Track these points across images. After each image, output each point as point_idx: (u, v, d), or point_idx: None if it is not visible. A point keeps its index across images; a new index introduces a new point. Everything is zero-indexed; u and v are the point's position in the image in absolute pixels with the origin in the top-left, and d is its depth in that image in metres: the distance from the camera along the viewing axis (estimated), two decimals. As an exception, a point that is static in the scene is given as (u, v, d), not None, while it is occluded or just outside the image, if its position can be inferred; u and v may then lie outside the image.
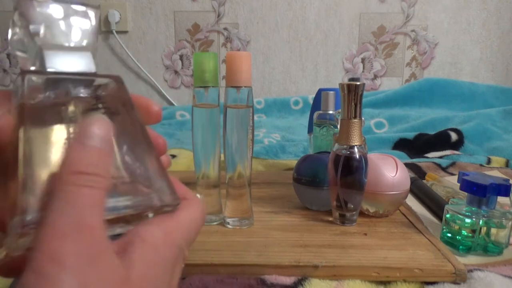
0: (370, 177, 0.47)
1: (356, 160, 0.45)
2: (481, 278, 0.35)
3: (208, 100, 0.45)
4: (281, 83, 1.49)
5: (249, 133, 0.45)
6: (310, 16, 1.44)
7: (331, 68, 1.47)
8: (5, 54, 1.51)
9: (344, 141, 0.45)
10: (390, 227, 0.46)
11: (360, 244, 0.41)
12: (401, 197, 0.49)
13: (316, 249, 0.40)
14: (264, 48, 1.47)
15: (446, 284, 0.35)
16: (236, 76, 0.43)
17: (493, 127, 1.01)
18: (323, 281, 0.36)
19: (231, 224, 0.46)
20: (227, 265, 0.37)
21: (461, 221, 0.41)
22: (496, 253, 0.41)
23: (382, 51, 1.45)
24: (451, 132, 0.97)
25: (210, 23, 1.45)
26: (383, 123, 1.20)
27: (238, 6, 1.44)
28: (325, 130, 0.63)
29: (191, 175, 0.50)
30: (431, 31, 1.43)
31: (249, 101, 0.44)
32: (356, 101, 0.44)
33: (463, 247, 0.41)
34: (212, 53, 0.44)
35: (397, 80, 1.48)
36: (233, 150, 0.45)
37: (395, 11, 1.42)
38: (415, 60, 1.46)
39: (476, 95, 1.32)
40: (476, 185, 0.40)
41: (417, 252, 0.39)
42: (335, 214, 0.47)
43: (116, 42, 1.47)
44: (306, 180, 0.50)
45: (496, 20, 1.41)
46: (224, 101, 0.45)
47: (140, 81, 1.51)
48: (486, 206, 0.41)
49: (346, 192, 0.45)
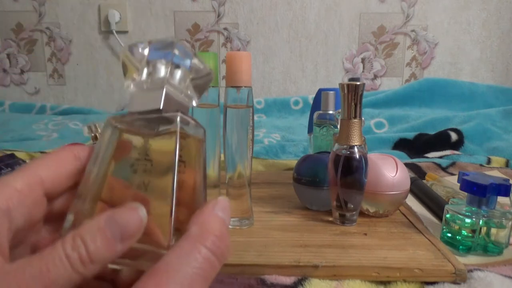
0: (370, 177, 0.47)
1: (356, 160, 0.45)
2: (481, 278, 0.35)
3: (208, 100, 0.45)
4: (281, 83, 1.49)
5: (249, 133, 0.45)
6: (310, 16, 1.44)
7: (331, 68, 1.47)
8: (5, 54, 1.51)
9: (344, 141, 0.45)
10: (390, 227, 0.46)
11: (360, 244, 0.41)
12: (401, 197, 0.49)
13: (316, 249, 0.40)
14: (264, 48, 1.47)
15: (446, 284, 0.35)
16: (236, 76, 0.43)
17: (493, 127, 1.01)
18: (323, 281, 0.36)
19: (231, 224, 0.46)
20: (227, 265, 0.37)
21: (461, 221, 0.41)
22: (496, 253, 0.41)
23: (382, 51, 1.45)
24: (451, 132, 0.97)
25: (210, 23, 1.45)
26: (383, 123, 1.20)
27: (238, 6, 1.44)
28: (325, 130, 0.63)
29: (191, 175, 0.49)
30: (431, 31, 1.43)
31: (249, 101, 0.44)
32: (356, 101, 0.44)
33: (463, 247, 0.41)
34: (212, 53, 0.44)
35: (397, 80, 1.48)
36: (233, 150, 0.45)
37: (395, 11, 1.42)
38: (415, 60, 1.46)
39: (476, 95, 1.32)
40: (476, 185, 0.40)
41: (417, 252, 0.39)
42: (335, 214, 0.47)
43: (116, 42, 1.47)
44: (306, 180, 0.50)
45: (496, 20, 1.41)
46: (224, 101, 0.45)
47: (140, 81, 1.50)
48: (486, 206, 0.41)
49: (346, 192, 0.45)
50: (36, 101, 1.53)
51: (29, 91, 1.54)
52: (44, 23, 1.48)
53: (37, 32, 1.49)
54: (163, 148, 0.22)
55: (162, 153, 0.22)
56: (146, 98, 0.23)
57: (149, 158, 0.22)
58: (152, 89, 0.23)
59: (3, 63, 1.52)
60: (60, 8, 1.46)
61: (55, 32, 1.48)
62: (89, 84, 1.52)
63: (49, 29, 1.48)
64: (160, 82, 0.23)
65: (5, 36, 1.50)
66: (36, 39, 1.49)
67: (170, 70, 0.23)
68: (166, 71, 0.23)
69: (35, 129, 1.21)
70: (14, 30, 1.49)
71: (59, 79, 1.52)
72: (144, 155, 0.22)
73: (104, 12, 1.44)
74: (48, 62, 1.51)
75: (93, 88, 1.52)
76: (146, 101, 0.23)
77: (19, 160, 0.53)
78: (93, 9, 1.46)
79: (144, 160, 0.22)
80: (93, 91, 1.52)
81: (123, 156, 0.23)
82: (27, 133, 1.15)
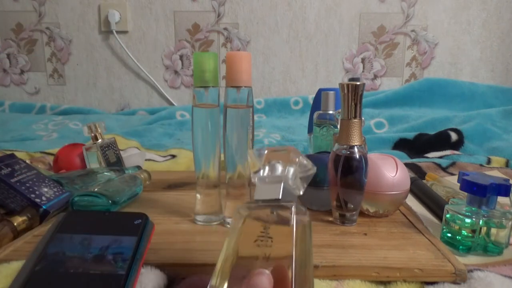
0: (370, 177, 0.47)
1: (356, 160, 0.45)
2: (481, 278, 0.35)
3: (208, 100, 0.45)
4: (281, 83, 1.49)
5: (249, 133, 0.45)
6: (310, 16, 1.44)
7: (331, 68, 1.47)
8: (5, 54, 1.51)
9: (344, 141, 0.45)
10: (390, 227, 0.46)
11: (360, 244, 0.41)
12: (401, 197, 0.49)
13: (316, 249, 0.40)
14: (264, 48, 1.47)
15: (446, 284, 0.35)
16: (236, 76, 0.43)
17: (493, 127, 1.01)
18: (323, 281, 0.36)
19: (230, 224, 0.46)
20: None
21: (461, 221, 0.41)
22: (496, 253, 0.41)
23: (382, 51, 1.45)
24: (451, 132, 0.97)
25: (210, 23, 1.45)
26: (383, 123, 1.20)
27: (238, 6, 1.44)
28: (325, 130, 0.63)
29: (191, 175, 0.50)
30: (431, 31, 1.43)
31: (249, 101, 0.44)
32: (356, 101, 0.44)
33: (463, 247, 0.41)
34: (212, 53, 0.44)
35: (397, 80, 1.48)
36: (233, 150, 0.45)
37: (395, 11, 1.42)
38: (415, 60, 1.46)
39: (476, 95, 1.32)
40: (476, 185, 0.40)
41: (417, 252, 0.39)
42: (335, 214, 0.47)
43: (116, 42, 1.47)
44: (306, 180, 0.50)
45: (496, 20, 1.41)
46: (224, 101, 0.45)
47: (140, 81, 1.51)
48: (486, 206, 0.41)
49: (346, 192, 0.45)
50: (36, 101, 1.53)
51: (29, 91, 1.54)
52: (44, 23, 1.48)
53: (37, 32, 1.49)
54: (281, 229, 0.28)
55: (280, 233, 0.27)
56: (267, 190, 0.30)
57: (270, 236, 0.27)
58: (272, 183, 0.30)
59: (3, 63, 1.52)
60: (60, 8, 1.47)
61: (55, 32, 1.48)
62: (89, 84, 1.52)
63: (49, 29, 1.48)
64: (278, 178, 0.30)
65: (5, 36, 1.50)
66: (36, 39, 1.50)
67: (286, 169, 0.31)
68: (283, 170, 0.31)
69: (35, 129, 1.21)
70: (14, 30, 1.49)
71: (59, 79, 1.52)
72: (266, 233, 0.27)
73: (104, 12, 1.44)
74: (48, 62, 1.51)
75: (93, 88, 1.52)
76: (268, 192, 0.30)
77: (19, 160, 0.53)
78: (93, 9, 1.46)
79: (266, 237, 0.27)
80: (93, 91, 1.53)
81: (249, 234, 0.28)
82: (27, 133, 1.15)
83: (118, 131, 1.12)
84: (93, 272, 0.29)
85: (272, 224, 0.28)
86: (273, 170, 0.31)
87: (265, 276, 0.24)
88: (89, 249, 0.31)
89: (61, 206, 0.50)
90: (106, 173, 0.63)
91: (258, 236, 0.27)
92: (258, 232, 0.27)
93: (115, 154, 0.72)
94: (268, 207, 0.29)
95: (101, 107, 1.53)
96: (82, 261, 0.30)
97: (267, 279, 0.24)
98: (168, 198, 0.58)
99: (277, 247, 0.26)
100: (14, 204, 0.48)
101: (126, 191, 0.53)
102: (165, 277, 0.35)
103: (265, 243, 0.27)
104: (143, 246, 0.33)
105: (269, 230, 0.27)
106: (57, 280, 0.29)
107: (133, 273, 0.30)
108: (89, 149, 0.69)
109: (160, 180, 0.67)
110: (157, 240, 0.40)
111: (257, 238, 0.27)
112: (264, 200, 0.29)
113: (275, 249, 0.26)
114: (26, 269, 0.30)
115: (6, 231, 0.41)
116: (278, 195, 0.29)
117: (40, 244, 0.32)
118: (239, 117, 0.44)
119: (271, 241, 0.27)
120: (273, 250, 0.26)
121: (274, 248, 0.26)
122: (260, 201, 0.30)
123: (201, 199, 0.48)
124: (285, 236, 0.27)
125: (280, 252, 0.26)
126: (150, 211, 0.50)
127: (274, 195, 0.29)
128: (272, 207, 0.29)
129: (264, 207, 0.29)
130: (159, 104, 1.52)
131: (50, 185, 0.52)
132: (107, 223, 0.35)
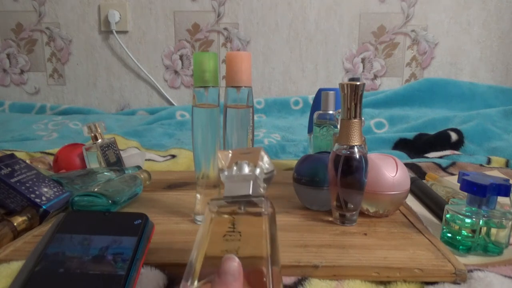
0: (370, 177, 0.47)
1: (356, 160, 0.45)
2: (481, 278, 0.35)
3: (208, 100, 0.45)
4: (281, 83, 1.49)
5: (249, 133, 0.45)
6: (310, 16, 1.44)
7: (331, 68, 1.47)
8: (5, 54, 1.51)
9: (344, 141, 0.45)
10: (390, 227, 0.46)
11: (360, 244, 0.41)
12: (401, 197, 0.49)
13: (316, 249, 0.40)
14: (264, 48, 1.47)
15: (446, 284, 0.35)
16: (236, 76, 0.43)
17: (493, 127, 1.01)
18: (323, 281, 0.36)
19: (231, 224, 0.46)
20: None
21: (461, 221, 0.41)
22: (496, 253, 0.41)
23: (382, 51, 1.45)
24: (451, 132, 0.97)
25: (210, 23, 1.45)
26: (383, 123, 1.20)
27: (238, 6, 1.44)
28: (325, 130, 0.63)
29: (191, 175, 0.50)
30: (431, 31, 1.43)
31: (249, 101, 0.44)
32: (356, 101, 0.44)
33: (463, 247, 0.41)
34: (212, 53, 0.44)
35: (397, 80, 1.48)
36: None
37: (395, 11, 1.42)
38: (415, 60, 1.46)
39: (476, 95, 1.32)
40: (476, 185, 0.40)
41: (417, 252, 0.39)
42: (335, 214, 0.47)
43: (116, 42, 1.47)
44: (306, 180, 0.50)
45: (496, 20, 1.41)
46: (224, 101, 0.45)
47: (140, 81, 1.51)
48: (486, 206, 0.41)
49: (346, 192, 0.45)
50: (36, 101, 1.53)
51: (29, 91, 1.54)
52: (44, 23, 1.48)
53: (37, 32, 1.49)
54: (249, 223, 0.29)
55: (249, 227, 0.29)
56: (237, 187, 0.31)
57: (238, 231, 0.28)
58: (241, 181, 0.32)
59: (3, 63, 1.52)
60: (60, 8, 1.47)
61: (55, 32, 1.48)
62: (89, 84, 1.52)
63: (49, 29, 1.48)
64: (248, 176, 0.32)
65: (5, 36, 1.50)
66: (36, 39, 1.50)
67: (254, 169, 0.32)
68: (251, 169, 0.32)
69: (35, 129, 1.21)
70: (14, 30, 1.49)
71: (59, 79, 1.52)
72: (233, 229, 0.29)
73: (104, 12, 1.44)
74: (48, 62, 1.51)
75: (93, 88, 1.52)
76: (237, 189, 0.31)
77: (19, 160, 0.53)
78: (93, 9, 1.46)
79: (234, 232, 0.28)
80: (93, 91, 1.53)
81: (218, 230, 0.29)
82: (27, 133, 1.15)
83: (118, 131, 1.12)
84: (93, 272, 0.29)
85: (241, 216, 0.29)
86: (240, 169, 0.32)
87: (235, 261, 0.25)
88: (89, 250, 0.31)
89: (61, 206, 0.50)
90: (106, 173, 0.63)
91: (226, 232, 0.28)
92: (227, 228, 0.29)
93: (115, 154, 0.72)
94: (237, 203, 0.30)
95: (101, 107, 1.53)
96: (82, 262, 0.30)
97: (237, 264, 0.25)
98: (168, 198, 0.58)
99: (246, 241, 0.28)
100: (14, 204, 0.48)
101: (126, 191, 0.53)
102: (165, 277, 0.35)
103: (233, 237, 0.28)
104: (143, 246, 0.33)
105: (237, 225, 0.29)
106: (57, 280, 0.29)
107: (133, 274, 0.30)
108: (89, 149, 0.69)
109: (160, 180, 0.67)
110: (157, 240, 0.40)
111: (225, 233, 0.28)
112: (234, 197, 0.30)
113: (243, 243, 0.28)
114: (26, 269, 0.30)
115: (6, 231, 0.41)
116: (249, 191, 0.31)
117: (40, 244, 0.32)
118: (239, 117, 0.44)
119: (239, 235, 0.28)
120: (241, 244, 0.27)
121: (242, 242, 0.28)
122: (229, 197, 0.31)
123: (201, 199, 0.48)
124: (254, 228, 0.28)
125: (249, 246, 0.28)
126: (150, 211, 0.50)
127: (244, 191, 0.31)
128: (241, 203, 0.30)
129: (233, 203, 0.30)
130: (159, 104, 1.52)
131: (50, 185, 0.52)
132: (107, 223, 0.35)
